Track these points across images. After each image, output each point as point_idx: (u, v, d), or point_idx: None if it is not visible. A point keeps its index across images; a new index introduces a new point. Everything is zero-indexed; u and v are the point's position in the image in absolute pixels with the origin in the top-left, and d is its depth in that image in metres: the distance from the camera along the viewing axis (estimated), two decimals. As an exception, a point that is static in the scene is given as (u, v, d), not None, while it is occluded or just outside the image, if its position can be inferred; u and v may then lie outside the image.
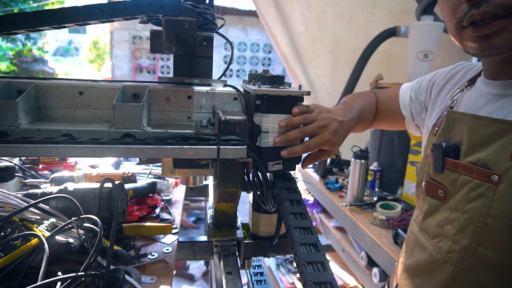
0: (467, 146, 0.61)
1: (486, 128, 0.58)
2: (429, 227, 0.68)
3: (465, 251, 0.59)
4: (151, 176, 1.47)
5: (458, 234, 0.60)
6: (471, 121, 0.61)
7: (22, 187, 1.26)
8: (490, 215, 0.56)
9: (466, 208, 0.60)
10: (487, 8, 0.51)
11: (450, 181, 0.64)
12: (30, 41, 11.61)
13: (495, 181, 0.55)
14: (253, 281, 1.00)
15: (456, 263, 0.60)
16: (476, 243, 0.58)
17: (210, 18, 0.75)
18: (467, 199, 0.60)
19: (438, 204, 0.67)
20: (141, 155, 0.62)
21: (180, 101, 0.74)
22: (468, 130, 0.61)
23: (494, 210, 0.55)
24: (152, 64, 9.85)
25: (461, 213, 0.60)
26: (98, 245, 0.72)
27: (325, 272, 0.51)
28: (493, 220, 0.56)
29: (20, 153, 0.58)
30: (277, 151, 0.71)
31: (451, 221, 0.63)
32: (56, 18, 0.61)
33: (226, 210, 0.88)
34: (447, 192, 0.64)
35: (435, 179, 0.67)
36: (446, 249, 0.62)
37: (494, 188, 0.55)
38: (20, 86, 0.67)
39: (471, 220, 0.58)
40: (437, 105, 0.78)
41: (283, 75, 0.75)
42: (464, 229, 0.60)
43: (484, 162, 0.57)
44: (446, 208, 0.64)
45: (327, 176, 2.11)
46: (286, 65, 2.45)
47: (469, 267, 0.59)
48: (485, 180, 0.57)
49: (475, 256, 0.58)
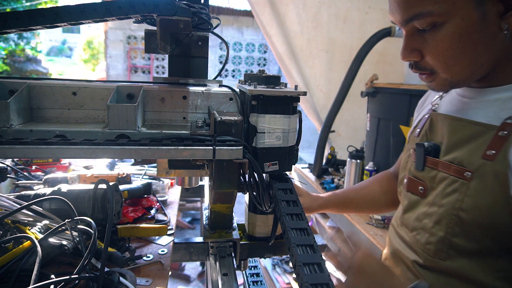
0: (446, 145, 0.68)
1: (465, 129, 0.65)
2: (408, 221, 0.74)
3: (441, 242, 0.65)
4: (146, 177, 1.46)
5: (434, 227, 0.66)
6: (452, 123, 0.68)
7: (14, 188, 1.24)
8: (463, 208, 0.62)
9: (442, 202, 0.65)
10: (417, 70, 0.67)
11: (430, 178, 0.70)
12: (23, 41, 11.50)
13: (468, 178, 0.61)
14: (249, 282, 1.00)
15: (433, 253, 0.66)
16: (450, 234, 0.64)
17: (205, 17, 0.74)
18: (443, 194, 0.65)
19: (418, 199, 0.73)
20: (136, 156, 0.61)
21: (175, 101, 0.74)
22: (449, 131, 0.68)
23: (467, 204, 0.61)
24: (147, 64, 9.81)
25: (438, 207, 0.66)
26: (92, 247, 0.72)
27: (322, 274, 0.51)
28: (465, 214, 0.61)
29: (12, 154, 0.57)
30: (273, 151, 0.71)
31: (428, 215, 0.68)
32: (49, 17, 0.60)
33: (222, 211, 0.88)
34: (426, 188, 0.70)
35: (416, 176, 0.73)
36: (424, 241, 0.68)
37: (467, 184, 0.61)
38: (12, 86, 0.66)
39: (446, 214, 0.64)
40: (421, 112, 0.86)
41: (279, 75, 0.74)
42: (440, 222, 0.65)
43: (460, 160, 0.63)
44: (425, 203, 0.70)
45: (323, 176, 2.11)
46: (282, 65, 2.45)
47: (445, 256, 0.65)
48: (460, 177, 0.63)
49: (451, 246, 0.64)
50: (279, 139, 0.71)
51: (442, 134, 0.70)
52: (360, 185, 1.03)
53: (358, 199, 1.00)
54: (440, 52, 0.61)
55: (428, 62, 0.64)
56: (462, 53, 0.60)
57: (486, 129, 0.61)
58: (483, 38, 0.59)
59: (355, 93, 1.99)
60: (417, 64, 0.66)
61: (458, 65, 0.62)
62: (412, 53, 0.65)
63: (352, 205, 1.00)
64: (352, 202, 1.00)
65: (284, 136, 0.71)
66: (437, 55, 0.62)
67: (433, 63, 0.64)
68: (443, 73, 0.64)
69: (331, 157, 2.18)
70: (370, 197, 0.99)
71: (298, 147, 0.77)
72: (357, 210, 1.06)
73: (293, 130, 0.73)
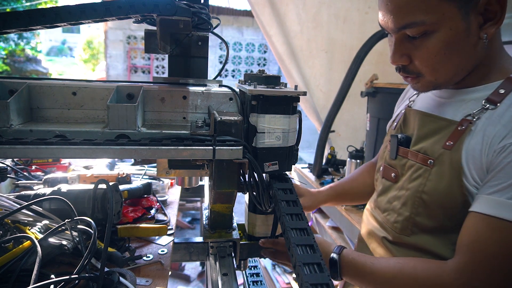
0: (416, 137, 0.77)
1: (432, 124, 0.74)
2: (381, 204, 0.84)
3: (406, 220, 0.75)
4: (146, 177, 1.46)
5: (402, 207, 0.76)
6: (422, 117, 0.78)
7: (14, 188, 1.24)
8: (425, 191, 0.71)
9: (408, 186, 0.75)
10: (404, 73, 0.74)
11: (401, 165, 0.80)
12: (23, 41, 11.49)
13: (430, 165, 0.71)
14: (249, 282, 1.00)
15: (400, 231, 0.76)
16: (415, 214, 0.73)
17: (205, 17, 0.74)
18: (410, 179, 0.75)
19: (390, 185, 0.83)
20: (136, 156, 0.61)
21: (175, 101, 0.74)
22: (418, 124, 0.78)
23: (428, 187, 0.71)
24: (147, 64, 9.81)
25: (405, 190, 0.76)
26: (92, 247, 0.72)
27: (322, 274, 0.51)
28: (427, 196, 0.71)
29: (11, 154, 0.57)
30: (273, 151, 0.71)
31: (397, 198, 0.78)
32: (48, 17, 0.60)
33: (222, 211, 0.88)
34: (398, 174, 0.80)
35: (390, 164, 0.83)
36: (393, 220, 0.78)
37: (429, 170, 0.71)
38: (11, 86, 0.66)
39: (411, 196, 0.74)
40: (400, 107, 0.95)
41: (279, 75, 0.75)
42: (406, 204, 0.75)
43: (425, 150, 0.73)
44: (396, 188, 0.80)
45: (323, 176, 2.11)
46: (282, 65, 2.45)
47: (410, 233, 0.75)
48: (424, 164, 0.72)
49: (414, 224, 0.74)
50: (279, 139, 0.71)
51: (413, 127, 0.80)
52: (352, 176, 1.12)
53: (353, 190, 1.09)
54: (429, 57, 0.68)
55: (416, 66, 0.71)
56: (448, 59, 0.67)
57: (449, 124, 0.71)
58: (467, 46, 0.66)
59: (355, 93, 1.99)
60: (405, 68, 0.73)
61: (443, 69, 0.69)
62: (402, 58, 0.71)
63: (348, 196, 1.11)
64: (348, 193, 1.10)
65: (284, 136, 0.71)
66: (426, 60, 0.69)
67: (421, 67, 0.70)
68: (430, 76, 0.71)
69: (331, 157, 2.18)
70: (362, 187, 1.08)
71: (298, 147, 0.77)
72: (352, 200, 1.18)
73: (293, 130, 0.73)
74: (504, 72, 0.69)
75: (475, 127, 0.66)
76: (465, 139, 0.67)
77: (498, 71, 0.70)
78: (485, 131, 0.65)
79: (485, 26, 0.65)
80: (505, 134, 0.62)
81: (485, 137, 0.64)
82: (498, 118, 0.64)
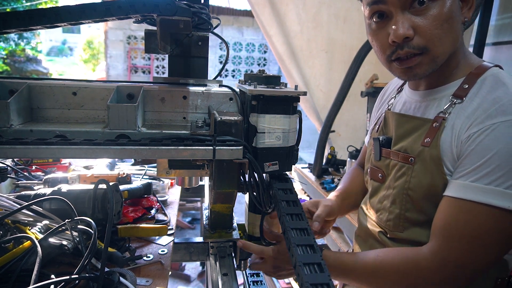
0: (395, 137, 0.81)
1: (408, 124, 0.78)
2: (373, 204, 0.87)
3: (397, 218, 0.77)
4: (146, 177, 1.46)
5: (392, 206, 0.79)
6: (398, 118, 0.81)
7: (14, 188, 1.24)
8: (410, 188, 0.74)
9: (394, 185, 0.78)
10: (408, 49, 0.70)
11: (385, 165, 0.83)
12: (23, 41, 11.48)
13: (412, 163, 0.74)
14: (249, 282, 1.00)
15: (393, 228, 0.79)
16: (404, 210, 0.76)
17: (205, 17, 0.74)
18: (395, 178, 0.78)
19: (379, 185, 0.85)
20: (136, 156, 0.61)
21: (176, 101, 0.74)
22: (396, 125, 0.81)
23: (413, 184, 0.74)
24: (147, 64, 9.81)
25: (392, 189, 0.79)
26: (92, 247, 0.72)
27: (322, 274, 0.51)
28: (412, 192, 0.74)
29: (12, 154, 0.57)
30: (274, 151, 0.71)
31: (386, 197, 0.81)
32: (48, 17, 0.60)
33: (222, 211, 0.88)
34: (384, 175, 0.83)
35: (376, 165, 0.86)
36: (385, 219, 0.80)
37: (412, 167, 0.74)
38: (12, 86, 0.66)
39: (398, 194, 0.77)
40: (380, 110, 0.98)
41: (279, 75, 0.74)
42: (395, 202, 0.78)
43: (405, 149, 0.76)
44: (384, 187, 0.83)
45: (323, 176, 2.11)
46: (282, 65, 2.45)
47: (402, 229, 0.77)
48: (406, 162, 0.76)
49: (405, 220, 0.76)
50: (279, 139, 0.71)
51: (392, 128, 0.84)
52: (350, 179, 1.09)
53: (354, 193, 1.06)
54: (436, 25, 0.68)
55: (422, 38, 0.69)
56: (450, 30, 0.69)
57: (424, 122, 0.75)
58: (459, 22, 0.70)
59: (355, 93, 1.99)
60: (410, 44, 0.70)
61: (447, 39, 0.70)
62: (409, 30, 0.69)
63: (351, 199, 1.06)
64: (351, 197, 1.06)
65: (284, 136, 0.71)
66: (434, 28, 0.68)
67: (427, 38, 0.69)
68: (435, 49, 0.69)
69: (331, 157, 2.18)
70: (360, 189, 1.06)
71: (298, 147, 0.77)
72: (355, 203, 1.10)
73: (293, 130, 0.73)
74: (468, 68, 0.74)
75: (447, 123, 0.71)
76: (440, 134, 0.71)
77: (463, 68, 0.74)
78: (453, 125, 0.70)
79: (463, 11, 0.71)
80: (469, 124, 0.67)
81: (453, 130, 0.69)
82: (463, 111, 0.69)
